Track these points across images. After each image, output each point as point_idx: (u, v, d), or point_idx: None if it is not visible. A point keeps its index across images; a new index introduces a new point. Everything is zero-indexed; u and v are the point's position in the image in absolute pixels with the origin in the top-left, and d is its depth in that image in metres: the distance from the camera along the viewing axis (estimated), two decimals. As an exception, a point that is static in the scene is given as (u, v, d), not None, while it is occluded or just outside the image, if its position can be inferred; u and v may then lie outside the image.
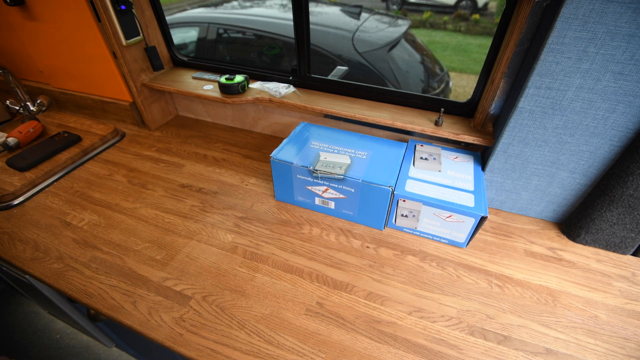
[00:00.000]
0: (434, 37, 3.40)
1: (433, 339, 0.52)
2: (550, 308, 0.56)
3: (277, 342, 0.51)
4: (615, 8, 0.45)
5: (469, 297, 0.58)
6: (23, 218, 0.73)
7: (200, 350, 0.50)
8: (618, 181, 0.57)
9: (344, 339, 0.52)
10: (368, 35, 1.63)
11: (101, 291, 0.58)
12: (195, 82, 0.94)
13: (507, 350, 0.50)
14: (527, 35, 0.57)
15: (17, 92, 0.99)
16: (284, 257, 0.64)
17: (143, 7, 0.88)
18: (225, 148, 0.95)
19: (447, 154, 0.74)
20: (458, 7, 3.72)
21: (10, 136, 0.88)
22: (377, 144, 0.73)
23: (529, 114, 0.58)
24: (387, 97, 0.82)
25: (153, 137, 0.99)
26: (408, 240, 0.68)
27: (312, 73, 0.87)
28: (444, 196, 0.62)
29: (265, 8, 2.13)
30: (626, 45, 0.47)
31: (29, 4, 0.87)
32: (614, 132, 0.55)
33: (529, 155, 0.63)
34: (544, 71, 0.53)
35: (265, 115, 0.97)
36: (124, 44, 0.85)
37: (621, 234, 0.62)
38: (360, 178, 0.63)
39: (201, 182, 0.82)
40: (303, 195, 0.72)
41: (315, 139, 0.74)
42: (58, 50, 0.94)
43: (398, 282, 0.60)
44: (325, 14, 1.82)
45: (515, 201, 0.72)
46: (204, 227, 0.70)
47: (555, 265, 0.63)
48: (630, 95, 0.51)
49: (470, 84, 2.75)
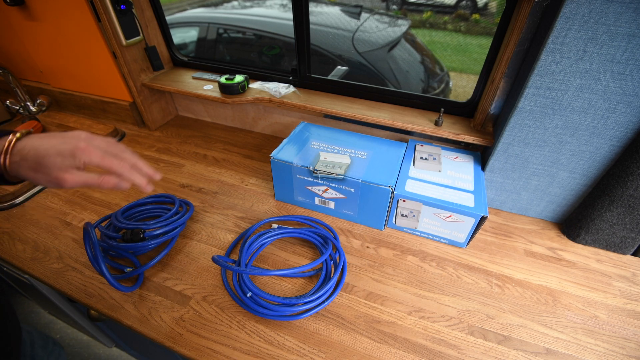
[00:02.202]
0: (434, 37, 3.40)
1: (433, 339, 0.52)
2: (550, 308, 0.56)
3: (277, 342, 0.51)
4: (615, 8, 0.45)
5: (469, 297, 0.58)
6: (23, 218, 0.73)
7: (200, 350, 0.50)
8: (618, 181, 0.57)
9: (344, 339, 0.52)
10: (368, 35, 1.63)
11: (101, 291, 0.58)
12: (195, 82, 0.94)
13: (507, 350, 0.50)
14: (527, 35, 0.57)
15: (17, 92, 0.99)
16: (284, 257, 0.64)
17: (143, 7, 0.88)
18: (225, 148, 0.95)
19: (447, 154, 0.74)
20: (458, 7, 3.72)
21: (10, 136, 0.88)
22: (377, 144, 0.73)
23: (529, 114, 0.58)
24: (387, 97, 0.82)
25: (153, 137, 0.99)
26: (408, 240, 0.68)
27: (312, 73, 0.87)
28: (444, 196, 0.62)
29: (265, 8, 2.13)
30: (626, 45, 0.47)
31: (29, 4, 0.87)
32: (614, 132, 0.55)
33: (529, 155, 0.63)
34: (544, 71, 0.53)
35: (265, 115, 0.97)
36: (124, 44, 0.85)
37: (621, 234, 0.62)
38: (360, 178, 0.63)
39: (201, 182, 0.82)
40: (303, 195, 0.72)
41: (315, 139, 0.74)
42: (58, 50, 0.94)
43: (398, 282, 0.60)
44: (325, 14, 1.82)
45: (515, 201, 0.72)
46: (204, 227, 0.70)
47: (555, 265, 0.63)
48: (630, 95, 0.51)
49: (470, 84, 2.75)
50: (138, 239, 0.61)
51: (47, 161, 0.39)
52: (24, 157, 0.39)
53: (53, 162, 0.39)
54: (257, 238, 0.63)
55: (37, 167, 0.39)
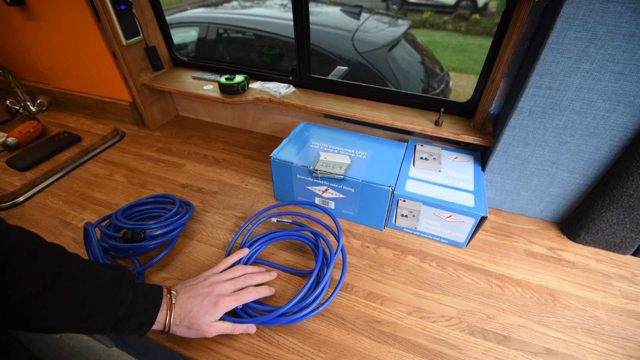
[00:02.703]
0: (434, 37, 3.41)
1: (433, 339, 0.52)
2: (550, 308, 0.56)
3: (277, 342, 0.51)
4: (615, 8, 0.45)
5: (469, 297, 0.58)
6: (23, 218, 0.73)
7: (200, 351, 0.50)
8: (618, 181, 0.57)
9: (344, 339, 0.52)
10: (368, 35, 1.63)
11: (101, 291, 0.58)
12: (195, 82, 0.94)
13: (507, 350, 0.50)
14: (527, 35, 0.57)
15: (17, 92, 0.99)
16: (284, 257, 0.64)
17: (143, 7, 0.88)
18: (225, 148, 0.95)
19: (447, 154, 0.74)
20: (458, 7, 3.72)
21: (10, 136, 0.88)
22: (377, 144, 0.73)
23: (529, 114, 0.58)
24: (387, 97, 0.82)
25: (153, 137, 0.99)
26: (408, 240, 0.68)
27: (312, 73, 0.87)
28: (444, 196, 0.62)
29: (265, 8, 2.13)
30: (626, 45, 0.47)
31: (29, 4, 0.87)
32: (614, 132, 0.55)
33: (529, 155, 0.63)
34: (544, 71, 0.53)
35: (265, 115, 0.97)
36: (124, 44, 0.85)
37: (621, 234, 0.62)
38: (360, 178, 0.63)
39: (201, 182, 0.82)
40: (303, 195, 0.72)
41: (315, 139, 0.74)
42: (58, 50, 0.94)
43: (398, 282, 0.60)
44: (325, 14, 1.82)
45: (515, 201, 0.72)
46: (204, 227, 0.70)
47: (555, 265, 0.63)
48: (630, 95, 0.51)
49: (470, 84, 2.75)
50: (139, 239, 0.61)
51: (199, 322, 0.47)
52: (181, 321, 0.47)
53: (202, 321, 0.47)
54: (253, 243, 0.63)
55: (190, 326, 0.47)
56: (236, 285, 0.52)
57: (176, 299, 0.47)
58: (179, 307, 0.47)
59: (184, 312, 0.47)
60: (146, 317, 0.44)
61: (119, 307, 0.42)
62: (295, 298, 0.52)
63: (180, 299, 0.48)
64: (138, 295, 0.45)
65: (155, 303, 0.45)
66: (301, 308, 0.52)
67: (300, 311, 0.52)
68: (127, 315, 0.43)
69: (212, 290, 0.50)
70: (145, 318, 0.44)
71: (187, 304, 0.47)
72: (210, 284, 0.51)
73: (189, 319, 0.46)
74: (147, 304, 0.45)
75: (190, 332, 0.47)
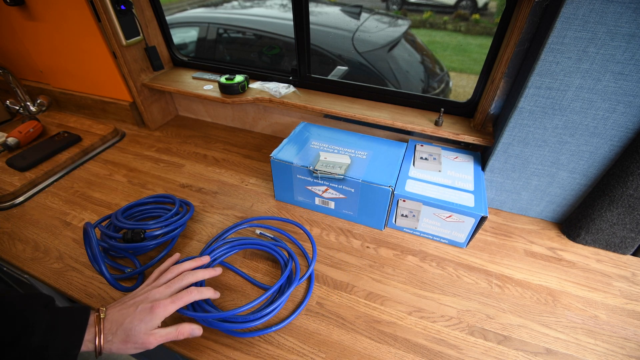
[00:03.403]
0: (434, 37, 3.40)
1: (433, 339, 0.52)
2: (550, 308, 0.56)
3: (277, 342, 0.51)
4: (615, 8, 0.45)
5: (469, 297, 0.58)
6: (23, 218, 0.73)
7: (200, 350, 0.50)
8: (618, 181, 0.57)
9: (344, 339, 0.52)
10: (368, 35, 1.63)
11: (101, 291, 0.58)
12: (195, 82, 0.94)
13: (507, 350, 0.50)
14: (527, 35, 0.57)
15: (17, 92, 0.99)
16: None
17: (143, 7, 0.88)
18: (225, 148, 0.95)
19: (447, 154, 0.74)
20: (458, 7, 3.72)
21: (10, 136, 0.88)
22: (377, 144, 0.73)
23: (529, 114, 0.58)
24: (387, 97, 0.82)
25: (153, 137, 0.99)
26: (408, 240, 0.68)
27: (312, 73, 0.87)
28: (444, 196, 0.62)
29: (265, 8, 2.13)
30: (626, 45, 0.47)
31: (29, 4, 0.87)
32: (614, 132, 0.55)
33: (529, 155, 0.63)
34: (544, 71, 0.53)
35: (265, 115, 0.97)
36: (124, 44, 0.85)
37: (621, 234, 0.62)
38: (360, 178, 0.63)
39: (201, 182, 0.82)
40: (303, 195, 0.72)
41: (315, 139, 0.74)
42: (58, 50, 0.94)
43: (398, 282, 0.60)
44: (325, 14, 1.82)
45: (515, 201, 0.72)
46: (204, 227, 0.70)
47: (555, 265, 0.63)
48: (630, 95, 0.51)
49: (470, 84, 2.75)
50: (139, 239, 0.61)
51: (134, 332, 0.42)
52: (114, 336, 0.42)
53: (138, 331, 0.43)
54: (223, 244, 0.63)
55: (126, 339, 0.42)
56: (172, 287, 0.48)
57: (105, 314, 0.43)
58: (109, 322, 0.43)
59: (116, 325, 0.42)
60: (72, 339, 0.40)
61: (32, 333, 0.38)
62: (244, 307, 0.50)
63: (110, 313, 0.44)
64: (57, 318, 0.40)
65: (79, 323, 0.41)
66: (249, 320, 0.50)
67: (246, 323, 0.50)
68: (47, 342, 0.38)
69: (145, 297, 0.46)
70: (71, 340, 0.40)
71: (118, 316, 0.43)
72: (144, 292, 0.47)
73: (122, 331, 0.42)
74: (69, 325, 0.41)
75: (128, 347, 0.43)
